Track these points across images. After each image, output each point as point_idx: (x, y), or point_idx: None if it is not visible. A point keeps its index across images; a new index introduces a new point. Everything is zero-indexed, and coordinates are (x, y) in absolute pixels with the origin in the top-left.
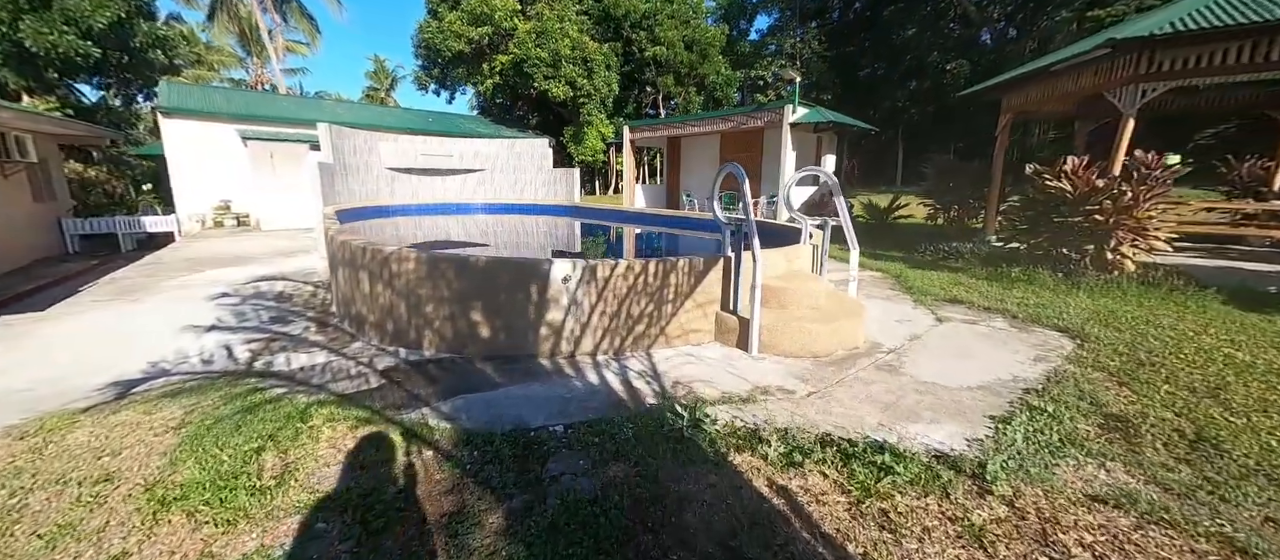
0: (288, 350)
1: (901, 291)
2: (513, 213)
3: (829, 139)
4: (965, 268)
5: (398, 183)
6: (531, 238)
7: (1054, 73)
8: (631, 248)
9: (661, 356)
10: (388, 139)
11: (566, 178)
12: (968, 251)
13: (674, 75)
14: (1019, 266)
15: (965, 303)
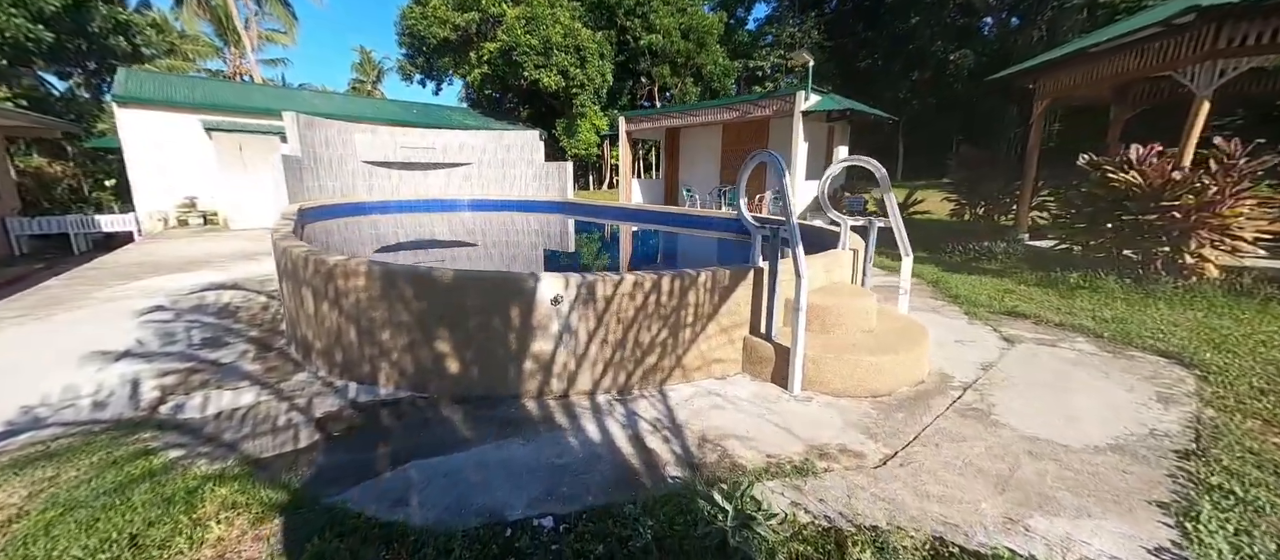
0: (210, 387)
1: (946, 301)
2: (501, 210)
3: (842, 129)
4: (1007, 270)
5: (376, 178)
6: (521, 237)
7: (1101, 53)
8: (630, 253)
9: (679, 397)
10: (364, 130)
11: (559, 172)
12: (1001, 251)
13: (670, 65)
14: (1076, 270)
15: (1029, 316)
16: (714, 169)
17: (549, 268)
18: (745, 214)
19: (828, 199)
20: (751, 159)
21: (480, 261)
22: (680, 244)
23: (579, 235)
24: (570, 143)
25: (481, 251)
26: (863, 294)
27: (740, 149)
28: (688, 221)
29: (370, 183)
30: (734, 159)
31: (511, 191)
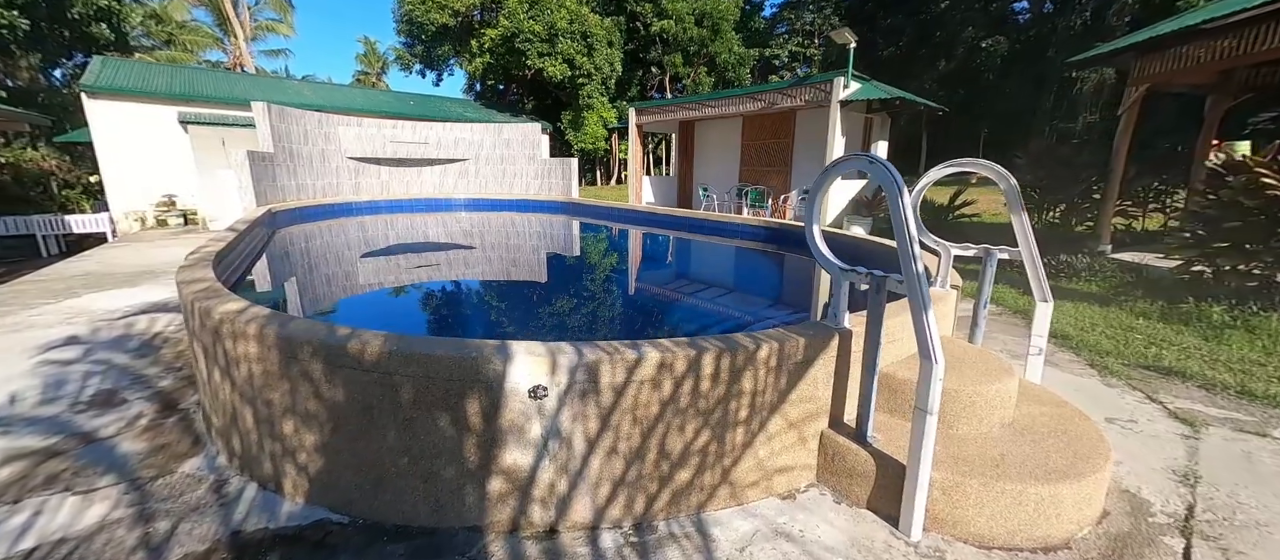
0: (55, 485)
1: (1053, 343)
2: (500, 210)
3: (881, 122)
4: (1109, 295)
5: (363, 175)
6: (521, 240)
7: (1229, 26)
8: (639, 262)
9: (730, 537)
10: (349, 123)
11: (563, 169)
12: (1086, 266)
13: (682, 54)
14: (1215, 300)
15: (1188, 376)
16: (733, 166)
17: (552, 277)
18: (820, 248)
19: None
20: (837, 166)
21: (479, 266)
22: (702, 256)
23: (584, 238)
24: (576, 137)
25: (480, 255)
26: (997, 367)
27: (762, 144)
28: (707, 227)
29: (357, 181)
30: (755, 155)
31: (512, 190)
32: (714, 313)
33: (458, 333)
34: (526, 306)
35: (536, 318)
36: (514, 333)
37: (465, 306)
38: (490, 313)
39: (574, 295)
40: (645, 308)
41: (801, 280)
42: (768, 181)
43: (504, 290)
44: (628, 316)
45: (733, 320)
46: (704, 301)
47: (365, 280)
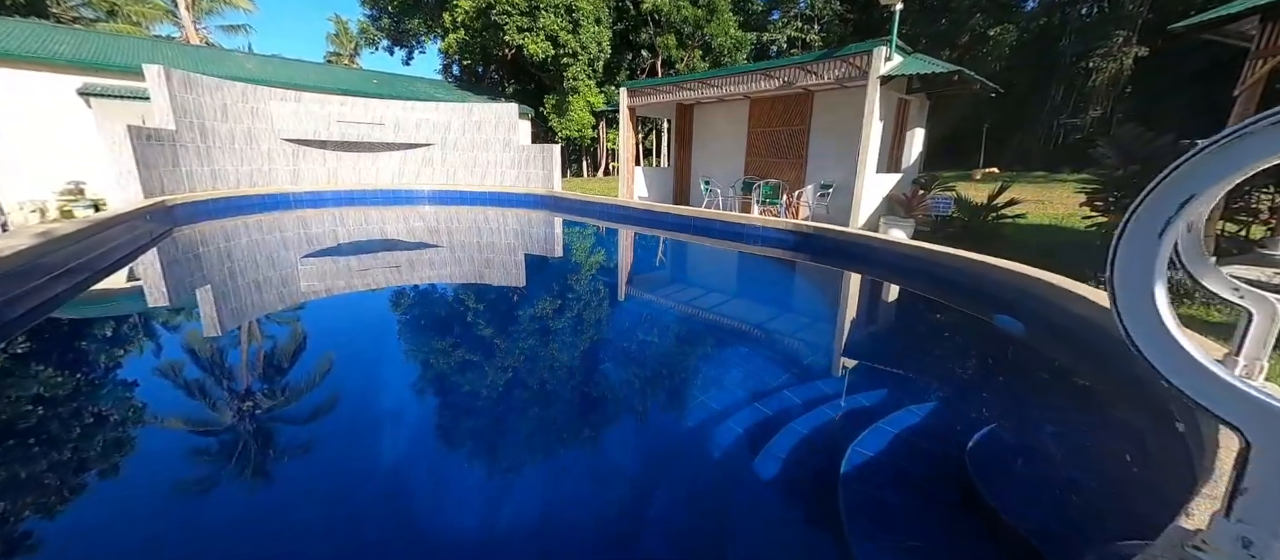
0: None
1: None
2: (470, 203)
3: (919, 106)
4: None
5: (304, 161)
6: (496, 238)
7: None
8: (631, 267)
9: None
10: (285, 98)
11: (543, 157)
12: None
13: (676, 35)
14: None
15: None
16: (738, 157)
17: (531, 288)
18: None
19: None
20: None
21: (447, 268)
22: (716, 266)
23: (569, 238)
24: (561, 123)
25: (448, 255)
26: None
27: (772, 130)
28: (713, 229)
29: (296, 166)
30: (764, 143)
31: (485, 180)
32: (746, 340)
33: (406, 359)
34: (499, 322)
35: (512, 339)
36: (478, 364)
37: (420, 324)
38: (451, 334)
39: (556, 311)
40: (649, 325)
41: (851, 302)
42: (778, 174)
43: (471, 303)
44: (625, 339)
45: (775, 350)
46: (727, 323)
47: (298, 290)
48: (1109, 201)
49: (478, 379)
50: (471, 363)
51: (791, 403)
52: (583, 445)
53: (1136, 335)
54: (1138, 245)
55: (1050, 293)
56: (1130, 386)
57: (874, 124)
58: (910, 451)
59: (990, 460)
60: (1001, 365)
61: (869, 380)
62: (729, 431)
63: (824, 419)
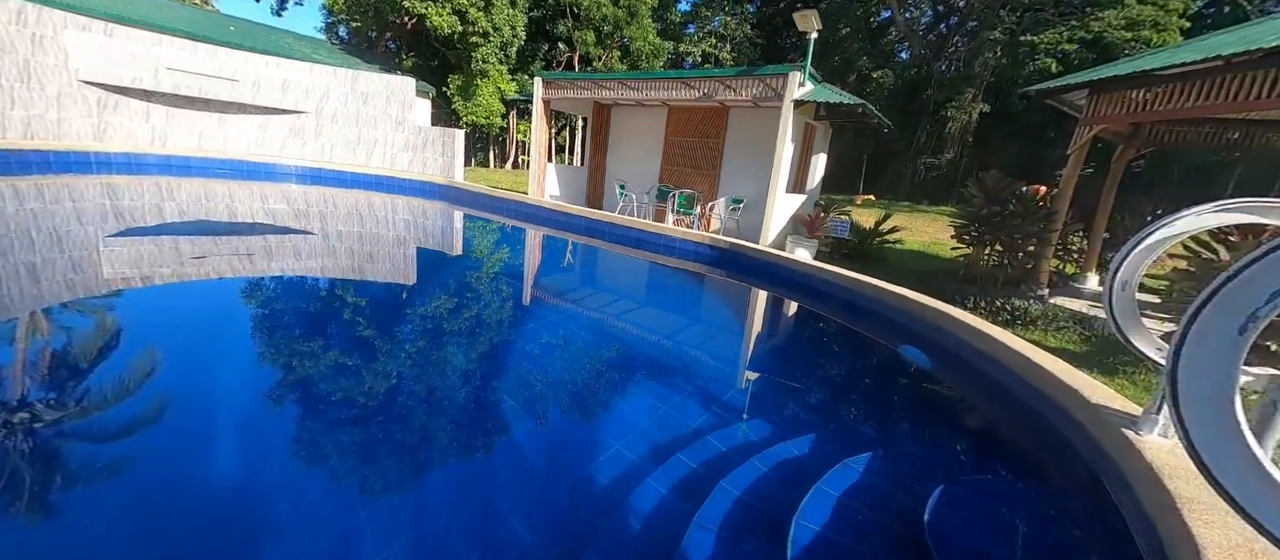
0: None
1: None
2: (352, 186)
3: (825, 132)
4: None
5: (115, 112)
6: (384, 228)
7: (1206, 71)
8: (537, 273)
9: None
10: (88, 28)
11: (444, 142)
12: (1040, 315)
13: (595, 33)
14: None
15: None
16: (653, 163)
17: (423, 288)
18: None
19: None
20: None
21: (317, 259)
22: (630, 276)
23: (471, 235)
24: (466, 107)
25: (319, 244)
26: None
27: (689, 140)
28: (629, 237)
29: (102, 120)
30: (680, 153)
31: (371, 161)
32: (657, 363)
33: (257, 364)
34: (381, 326)
35: (395, 347)
36: (354, 369)
37: (274, 325)
38: (316, 337)
39: (450, 315)
40: (555, 339)
41: (764, 324)
42: (692, 184)
43: (349, 300)
44: (526, 354)
45: (686, 371)
46: (638, 341)
47: (98, 277)
48: (973, 235)
49: (353, 387)
50: (346, 368)
51: (691, 423)
52: (465, 482)
53: (1210, 459)
54: (1211, 347)
55: (937, 318)
56: (1025, 419)
57: (786, 145)
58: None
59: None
60: (902, 394)
61: (773, 404)
62: (625, 462)
63: (720, 441)
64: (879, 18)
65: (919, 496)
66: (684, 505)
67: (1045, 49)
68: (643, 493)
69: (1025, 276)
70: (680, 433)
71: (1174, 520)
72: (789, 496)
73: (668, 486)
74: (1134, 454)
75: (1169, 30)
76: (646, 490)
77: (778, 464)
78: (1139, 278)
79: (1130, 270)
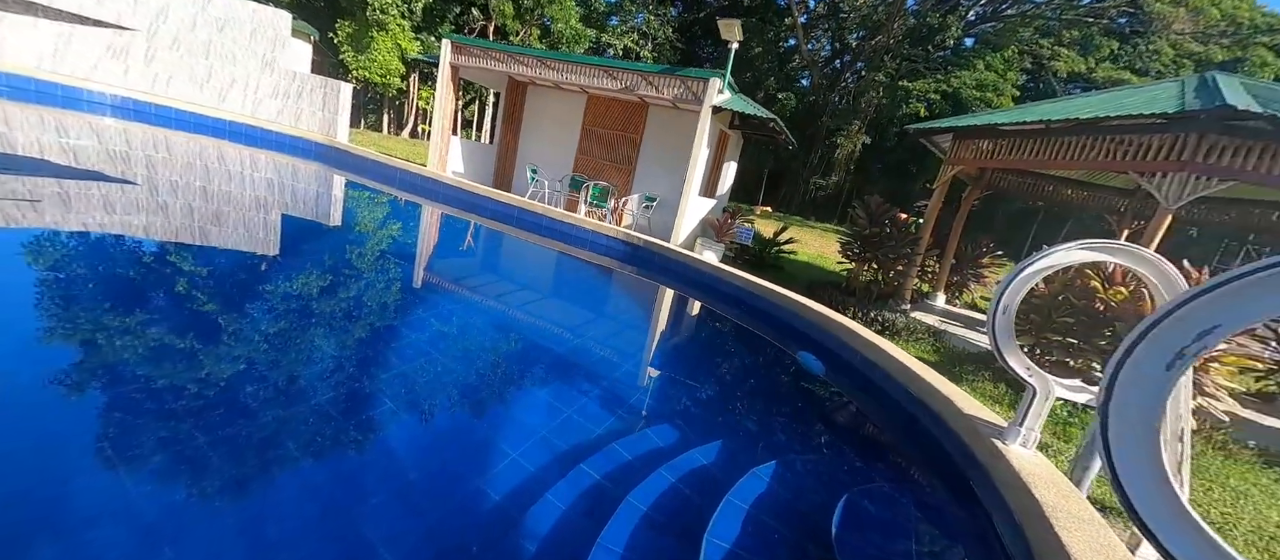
0: None
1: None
2: (196, 130)
3: (736, 141)
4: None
5: None
6: (239, 187)
7: (1057, 130)
8: (431, 254)
9: None
10: None
11: (327, 95)
12: (903, 327)
13: (515, 5)
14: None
15: None
16: (569, 151)
17: (287, 258)
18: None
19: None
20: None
21: (140, 216)
22: (539, 267)
23: (354, 206)
24: (357, 60)
25: (146, 197)
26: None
27: (607, 133)
28: (540, 225)
29: None
30: (597, 144)
31: (225, 103)
32: (558, 359)
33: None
34: (228, 303)
35: (243, 329)
36: (190, 354)
37: (69, 294)
38: (134, 317)
39: (323, 297)
40: (448, 328)
41: (671, 323)
42: (607, 177)
43: (184, 273)
44: (416, 342)
45: (589, 370)
46: (541, 335)
47: None
48: (856, 252)
49: (184, 375)
50: (175, 351)
51: (596, 429)
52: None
53: (1131, 490)
54: (1141, 383)
55: (836, 328)
56: (910, 427)
57: (703, 148)
58: (705, 489)
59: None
60: (804, 401)
61: (681, 410)
62: (523, 473)
63: (626, 449)
64: (786, 43)
65: (825, 506)
66: (587, 524)
67: (917, 96)
68: (541, 511)
69: (894, 292)
70: (584, 440)
71: (1042, 527)
72: (699, 510)
73: (569, 502)
74: (1003, 463)
75: (1005, 95)
76: (546, 508)
77: (686, 474)
78: (1017, 303)
79: (1011, 296)
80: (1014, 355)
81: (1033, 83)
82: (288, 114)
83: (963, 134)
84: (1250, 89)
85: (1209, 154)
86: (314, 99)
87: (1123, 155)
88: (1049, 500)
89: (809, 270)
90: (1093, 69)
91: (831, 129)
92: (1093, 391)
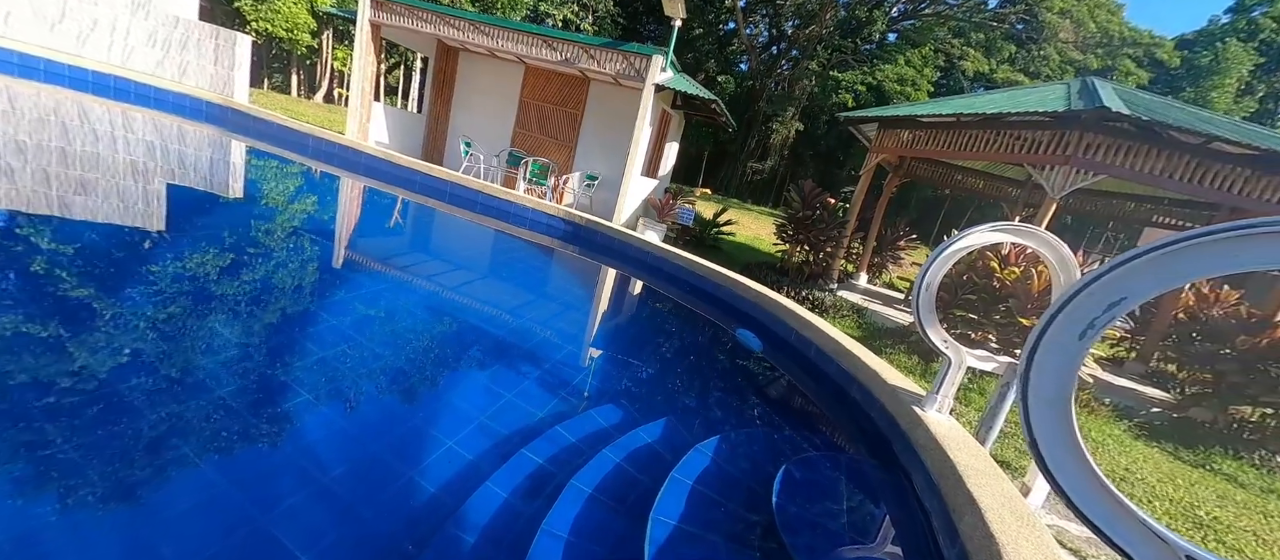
0: None
1: None
2: (45, 79)
3: (678, 121)
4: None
5: None
6: (109, 150)
7: (966, 123)
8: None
9: None
10: None
11: (219, 46)
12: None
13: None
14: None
15: None
16: (506, 124)
17: (174, 235)
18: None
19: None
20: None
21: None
22: (474, 247)
23: (257, 177)
24: (257, 10)
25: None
26: None
27: (547, 107)
28: (475, 202)
29: None
30: (536, 117)
31: (85, 49)
32: (497, 346)
33: None
34: (102, 286)
35: (122, 316)
36: (38, 369)
37: None
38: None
39: (223, 279)
40: (374, 311)
41: (612, 303)
42: (547, 153)
43: (41, 251)
44: (339, 326)
45: (530, 351)
46: (475, 321)
47: None
48: (790, 234)
49: (51, 368)
50: (34, 342)
51: (538, 412)
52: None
53: (1049, 458)
54: (1057, 352)
55: (773, 306)
56: (841, 398)
57: (645, 127)
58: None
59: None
60: (743, 376)
61: (624, 389)
62: (460, 461)
63: (569, 431)
64: (726, 27)
65: (765, 477)
66: (531, 510)
67: (846, 86)
68: (482, 499)
69: (823, 272)
70: (525, 424)
71: (955, 484)
72: (644, 489)
73: (511, 489)
74: (922, 428)
75: (922, 89)
76: (486, 496)
77: (631, 454)
78: (938, 280)
79: (934, 274)
80: (933, 329)
81: (945, 79)
82: (169, 66)
83: (887, 123)
84: (1121, 94)
85: (1088, 150)
86: (203, 50)
87: (1019, 148)
88: (961, 460)
89: (746, 251)
90: (994, 69)
91: (768, 114)
92: (997, 361)
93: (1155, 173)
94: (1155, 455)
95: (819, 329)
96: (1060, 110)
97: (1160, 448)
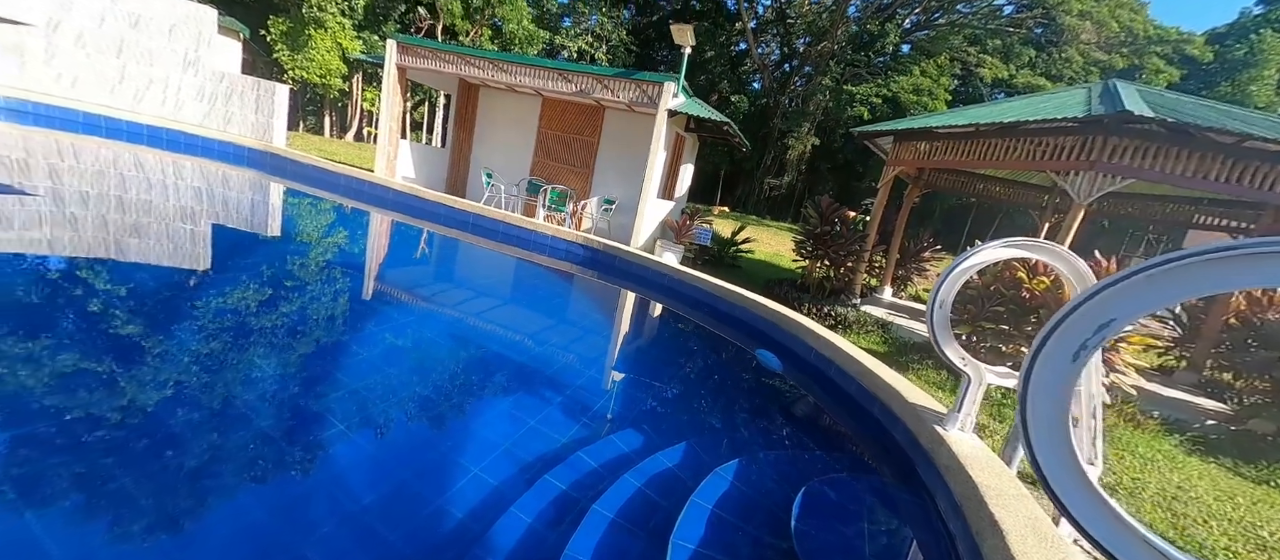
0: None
1: None
2: (109, 135)
3: (692, 144)
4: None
5: None
6: (160, 196)
7: (984, 132)
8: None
9: None
10: None
11: (261, 97)
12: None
13: (464, 4)
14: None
15: None
16: (525, 155)
17: (219, 273)
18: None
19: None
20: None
21: (45, 227)
22: (501, 275)
23: (294, 214)
24: (294, 59)
25: (49, 209)
26: None
27: (564, 136)
28: (496, 231)
29: None
30: (554, 147)
31: (142, 105)
32: (526, 357)
33: None
34: (152, 323)
35: (172, 350)
36: (109, 380)
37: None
38: (40, 342)
39: (262, 312)
40: (404, 343)
41: (634, 327)
42: (565, 180)
43: (98, 291)
44: (369, 357)
45: (559, 380)
46: (508, 350)
47: None
48: (809, 250)
49: (103, 403)
50: (92, 376)
51: (560, 438)
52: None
53: (1047, 469)
54: (1052, 373)
55: (793, 327)
56: (863, 418)
57: (659, 151)
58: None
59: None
60: (764, 398)
61: (644, 414)
62: (485, 488)
63: (591, 457)
64: (738, 48)
65: (784, 500)
66: (554, 536)
67: (860, 99)
68: (506, 525)
69: (845, 287)
70: (548, 450)
71: (978, 506)
72: (664, 513)
73: (535, 515)
74: (944, 448)
75: (939, 98)
76: (511, 522)
77: (652, 478)
78: (952, 297)
79: (947, 291)
80: (950, 347)
81: (963, 87)
82: (215, 117)
83: (902, 136)
84: (1145, 96)
85: (1113, 154)
86: (245, 101)
87: (1042, 155)
88: (984, 481)
89: (766, 269)
90: (1014, 75)
91: (783, 130)
92: (1017, 376)
93: (1187, 175)
94: (1212, 471)
95: (838, 348)
96: (1081, 116)
97: (1217, 463)
